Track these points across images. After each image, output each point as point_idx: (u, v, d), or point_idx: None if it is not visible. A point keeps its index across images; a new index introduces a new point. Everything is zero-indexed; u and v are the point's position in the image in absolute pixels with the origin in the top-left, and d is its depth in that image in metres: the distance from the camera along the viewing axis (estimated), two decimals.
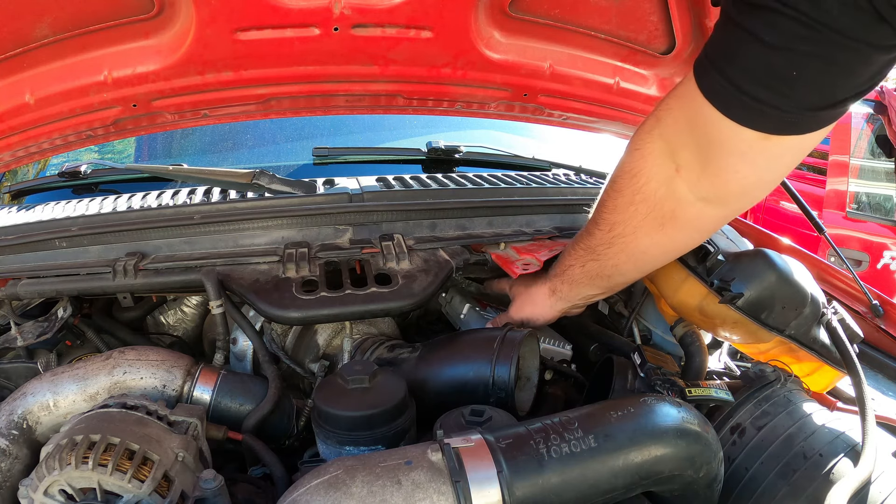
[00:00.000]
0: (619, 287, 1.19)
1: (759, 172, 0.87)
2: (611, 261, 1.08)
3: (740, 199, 0.94)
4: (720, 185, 0.90)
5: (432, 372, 1.12)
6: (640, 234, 1.02)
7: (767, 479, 0.93)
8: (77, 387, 1.05)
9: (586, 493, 0.80)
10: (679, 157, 0.92)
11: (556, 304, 1.22)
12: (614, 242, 1.05)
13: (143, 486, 0.83)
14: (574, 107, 1.57)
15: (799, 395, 1.04)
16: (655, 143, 0.95)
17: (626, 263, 1.08)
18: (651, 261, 1.09)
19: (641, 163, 0.97)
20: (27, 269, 1.24)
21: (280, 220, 1.32)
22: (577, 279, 1.16)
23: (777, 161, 0.86)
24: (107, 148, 2.29)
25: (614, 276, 1.11)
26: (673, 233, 1.00)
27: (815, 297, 1.07)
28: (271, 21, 1.13)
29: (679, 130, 0.91)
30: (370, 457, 0.81)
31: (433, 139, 2.06)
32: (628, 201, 1.00)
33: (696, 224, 0.99)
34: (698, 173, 0.90)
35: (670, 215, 0.97)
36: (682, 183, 0.93)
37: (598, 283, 1.14)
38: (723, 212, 0.96)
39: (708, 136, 0.86)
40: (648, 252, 1.05)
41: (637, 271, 1.11)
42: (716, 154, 0.87)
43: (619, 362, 1.12)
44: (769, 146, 0.82)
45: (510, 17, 1.28)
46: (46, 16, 1.05)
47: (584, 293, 1.18)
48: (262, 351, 1.21)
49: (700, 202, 0.94)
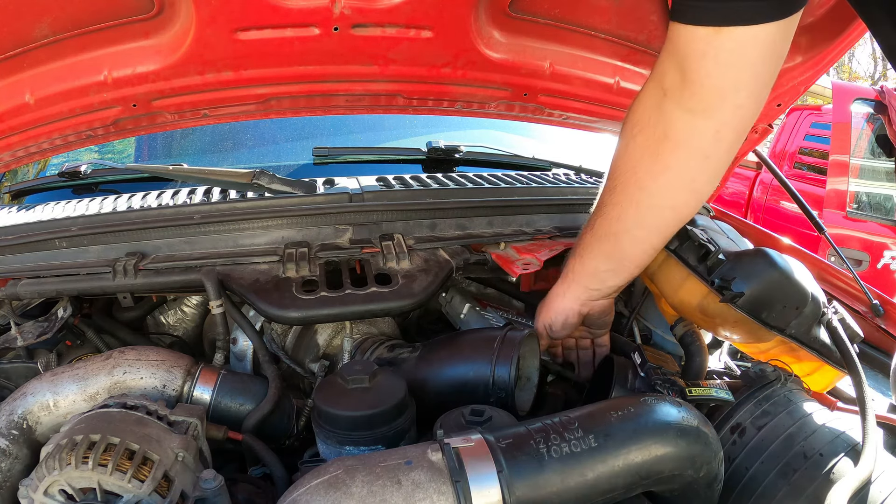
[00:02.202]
0: (626, 262, 1.12)
1: (728, 71, 0.92)
2: (614, 210, 1.07)
3: (721, 103, 0.96)
4: (698, 91, 0.95)
5: (432, 372, 1.12)
6: (640, 168, 1.03)
7: (768, 478, 0.93)
8: (77, 387, 1.05)
9: (586, 492, 0.80)
10: (665, 82, 0.98)
11: (569, 290, 1.17)
12: (615, 187, 1.07)
13: (143, 485, 0.83)
14: (574, 106, 1.57)
15: (799, 395, 1.04)
16: (647, 84, 1.03)
17: (627, 208, 1.06)
18: (650, 201, 1.05)
19: (636, 104, 1.05)
20: (27, 269, 1.24)
21: (280, 220, 1.32)
22: (585, 247, 1.13)
23: (739, 56, 0.91)
24: (107, 148, 2.29)
25: (620, 235, 1.08)
26: (667, 157, 1.01)
27: (815, 297, 1.07)
28: (271, 21, 1.13)
29: (662, 62, 0.99)
30: (370, 457, 0.81)
31: (433, 139, 2.06)
32: (628, 138, 1.05)
33: (687, 142, 0.99)
34: (680, 88, 0.96)
35: (662, 136, 1.00)
36: (670, 102, 0.98)
37: (605, 246, 1.10)
38: (710, 123, 0.97)
39: (678, 51, 0.94)
40: (647, 189, 1.04)
41: (639, 222, 1.07)
42: (688, 64, 0.94)
43: (619, 362, 1.12)
44: (724, 40, 0.89)
45: (510, 16, 1.28)
46: (46, 16, 1.05)
47: (593, 266, 1.13)
48: (262, 351, 1.21)
49: (687, 115, 0.97)
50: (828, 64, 1.45)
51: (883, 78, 15.44)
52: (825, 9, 1.30)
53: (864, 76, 17.08)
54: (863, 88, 4.42)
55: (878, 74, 15.95)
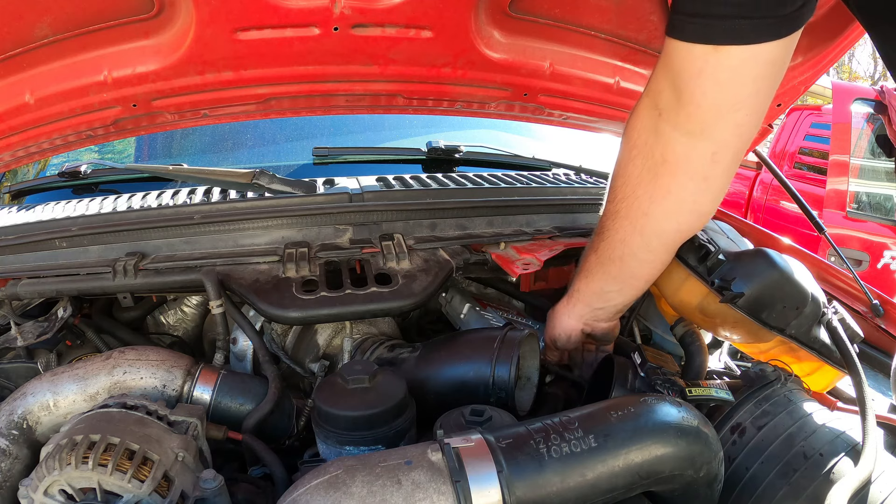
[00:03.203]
0: (633, 280, 1.13)
1: (725, 89, 0.90)
2: (617, 234, 1.07)
3: (718, 123, 0.93)
4: (695, 112, 0.93)
5: (432, 372, 1.12)
6: (640, 192, 1.02)
7: (768, 478, 0.93)
8: (77, 387, 1.05)
9: (586, 492, 0.80)
10: (660, 102, 0.97)
11: (573, 309, 1.18)
12: (618, 211, 1.06)
13: (143, 486, 0.83)
14: (574, 106, 1.57)
15: (799, 395, 1.04)
16: (642, 101, 1.01)
17: (631, 234, 1.06)
18: (654, 226, 1.05)
19: (632, 121, 1.03)
20: (27, 269, 1.24)
21: (280, 220, 1.32)
22: (590, 269, 1.14)
23: (737, 74, 0.88)
24: (107, 148, 2.29)
25: (625, 258, 1.08)
26: (667, 181, 1.00)
27: (815, 297, 1.07)
28: (271, 21, 1.13)
29: (656, 79, 0.97)
30: (370, 457, 0.81)
31: (433, 139, 2.06)
32: (626, 160, 1.04)
33: (685, 166, 0.98)
34: (676, 109, 0.94)
35: (661, 160, 0.99)
36: (665, 124, 0.97)
37: (610, 269, 1.11)
38: (708, 145, 0.95)
39: (673, 69, 0.92)
40: (650, 214, 1.03)
41: (644, 247, 1.07)
42: (683, 82, 0.91)
43: (619, 362, 1.12)
44: (722, 58, 0.86)
45: (510, 16, 1.28)
46: (46, 16, 1.05)
47: (599, 287, 1.14)
48: (262, 351, 1.21)
49: (684, 137, 0.96)
50: (828, 64, 1.45)
51: (883, 78, 15.43)
52: (825, 9, 1.29)
53: (864, 76, 17.10)
54: (863, 88, 4.42)
55: (878, 74, 15.96)
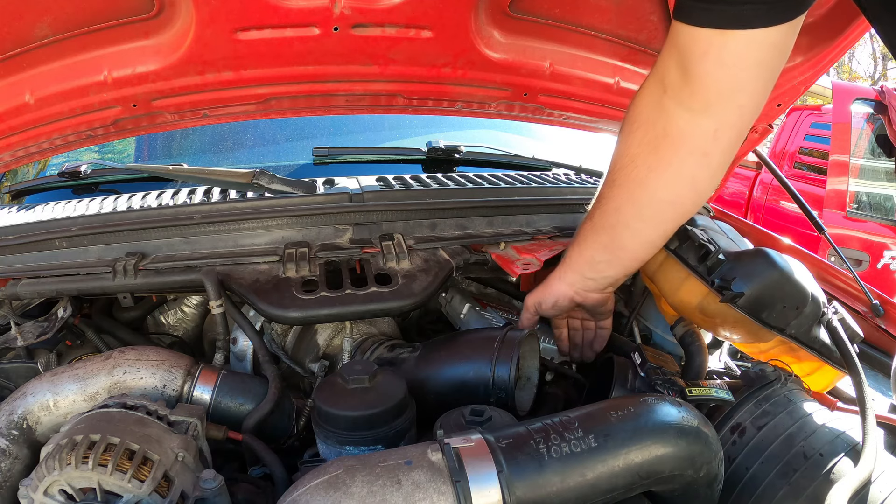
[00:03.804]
0: (621, 252, 1.12)
1: (730, 72, 0.93)
2: (612, 203, 1.08)
3: (721, 103, 0.96)
4: (699, 90, 0.95)
5: (432, 372, 1.12)
6: (638, 161, 1.04)
7: (768, 478, 0.93)
8: (77, 387, 1.05)
9: (586, 492, 0.80)
10: (666, 79, 0.99)
11: (564, 275, 1.18)
12: (615, 180, 1.07)
13: (143, 485, 0.83)
14: (574, 106, 1.57)
15: (799, 395, 1.04)
16: (648, 80, 1.04)
17: (626, 202, 1.07)
18: (650, 195, 1.05)
19: (637, 99, 1.06)
20: (27, 269, 1.24)
21: (280, 220, 1.32)
22: (584, 237, 1.14)
23: (742, 58, 0.91)
24: (107, 148, 2.29)
25: (617, 227, 1.09)
26: (668, 154, 1.01)
27: (815, 297, 1.07)
28: (271, 21, 1.13)
29: (664, 59, 1.00)
30: (370, 457, 0.81)
31: (433, 139, 2.06)
32: (627, 132, 1.06)
33: (687, 140, 1.00)
34: (681, 86, 0.97)
35: (662, 133, 1.01)
36: (670, 100, 0.99)
37: (602, 237, 1.11)
38: (711, 122, 0.98)
39: (680, 49, 0.95)
40: (646, 184, 1.04)
41: (637, 215, 1.07)
42: (689, 62, 0.94)
43: (619, 362, 1.12)
44: (727, 41, 0.89)
45: (510, 16, 1.28)
46: (46, 16, 1.05)
47: (590, 255, 1.14)
48: (262, 351, 1.21)
49: (687, 113, 0.98)
50: (828, 64, 1.45)
51: (883, 78, 15.46)
52: (825, 9, 1.30)
53: (864, 76, 17.08)
54: (863, 88, 4.42)
55: (878, 74, 15.96)
